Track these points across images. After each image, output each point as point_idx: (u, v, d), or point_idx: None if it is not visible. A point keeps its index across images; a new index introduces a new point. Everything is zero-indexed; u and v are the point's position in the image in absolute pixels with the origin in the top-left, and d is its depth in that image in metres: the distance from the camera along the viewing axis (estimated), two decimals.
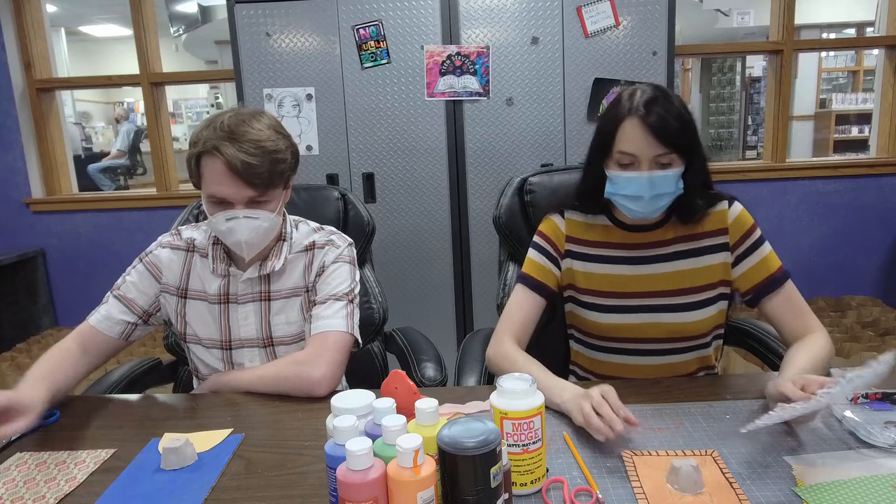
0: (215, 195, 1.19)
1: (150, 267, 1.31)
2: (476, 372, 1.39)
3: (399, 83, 2.55)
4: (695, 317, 1.25)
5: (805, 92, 7.70)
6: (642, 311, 1.26)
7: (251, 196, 1.19)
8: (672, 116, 1.12)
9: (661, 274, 1.25)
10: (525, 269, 1.32)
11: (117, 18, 7.69)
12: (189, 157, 1.21)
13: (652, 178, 1.13)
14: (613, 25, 2.48)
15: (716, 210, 1.25)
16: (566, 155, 2.58)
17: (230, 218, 1.19)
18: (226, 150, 1.15)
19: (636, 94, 1.15)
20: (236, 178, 1.16)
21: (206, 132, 1.18)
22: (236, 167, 1.15)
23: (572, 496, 0.83)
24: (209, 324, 1.31)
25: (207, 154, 1.17)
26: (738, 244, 1.24)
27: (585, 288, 1.30)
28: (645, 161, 1.13)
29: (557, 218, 1.34)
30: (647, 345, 1.28)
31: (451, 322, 2.71)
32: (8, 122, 3.30)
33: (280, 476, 0.92)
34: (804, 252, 3.25)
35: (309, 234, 1.35)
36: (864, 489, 0.81)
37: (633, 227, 1.27)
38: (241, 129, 1.17)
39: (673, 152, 1.13)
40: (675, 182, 1.15)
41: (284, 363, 1.25)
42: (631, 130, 1.13)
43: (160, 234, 1.37)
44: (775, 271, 1.22)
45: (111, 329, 1.27)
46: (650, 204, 1.15)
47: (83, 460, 0.99)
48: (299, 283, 1.32)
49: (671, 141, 1.12)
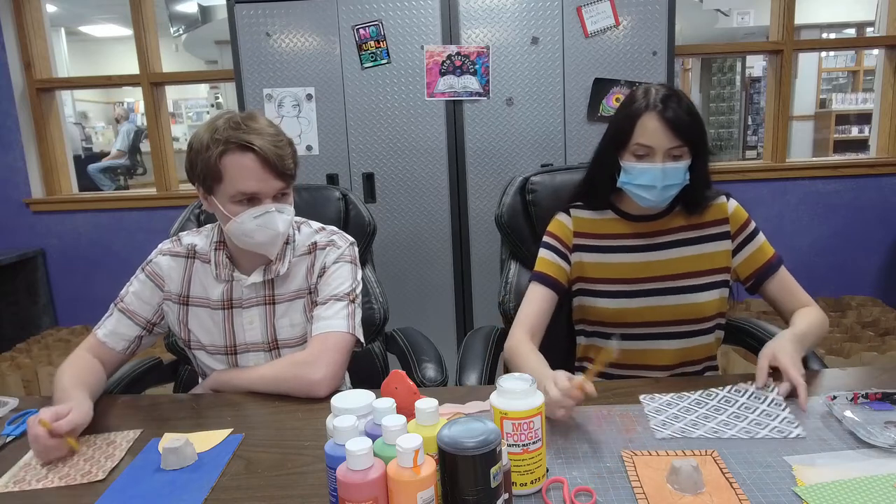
0: (246, 191, 1.16)
1: (153, 276, 1.31)
2: (477, 370, 1.40)
3: (399, 83, 2.55)
4: (698, 298, 1.32)
5: (805, 92, 7.70)
6: (649, 295, 1.34)
7: (280, 188, 1.19)
8: (685, 112, 1.21)
9: (667, 260, 1.34)
10: (537, 267, 1.38)
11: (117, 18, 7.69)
12: (207, 158, 1.16)
13: (665, 169, 1.22)
14: (613, 25, 2.48)
15: (716, 203, 1.36)
16: (566, 155, 2.58)
17: (260, 214, 1.17)
18: (257, 142, 1.14)
19: (651, 91, 1.24)
20: (268, 171, 1.16)
21: (222, 132, 1.15)
22: (269, 159, 1.14)
23: (572, 496, 0.83)
24: (212, 330, 1.31)
25: (234, 150, 1.14)
26: (737, 234, 1.35)
27: (596, 277, 1.36)
28: (660, 153, 1.22)
29: (564, 216, 1.40)
30: (653, 328, 1.34)
31: (451, 322, 2.71)
32: (8, 122, 3.30)
33: (280, 476, 0.92)
34: (804, 252, 3.25)
35: (311, 235, 1.35)
36: (864, 489, 0.81)
37: (640, 217, 1.35)
38: (255, 124, 1.17)
39: (685, 145, 1.22)
40: (683, 174, 1.24)
41: (285, 363, 1.24)
42: (649, 124, 1.21)
43: (160, 234, 1.36)
44: (771, 257, 1.34)
45: (117, 344, 1.28)
46: (662, 193, 1.24)
47: (113, 440, 1.06)
48: (302, 285, 1.32)
49: (684, 134, 1.21)
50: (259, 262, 1.29)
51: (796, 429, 0.97)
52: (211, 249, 1.30)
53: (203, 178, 1.19)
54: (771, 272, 1.33)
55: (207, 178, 1.19)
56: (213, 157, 1.15)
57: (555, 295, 1.35)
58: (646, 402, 1.09)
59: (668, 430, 0.99)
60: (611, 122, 1.32)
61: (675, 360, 1.35)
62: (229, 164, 1.15)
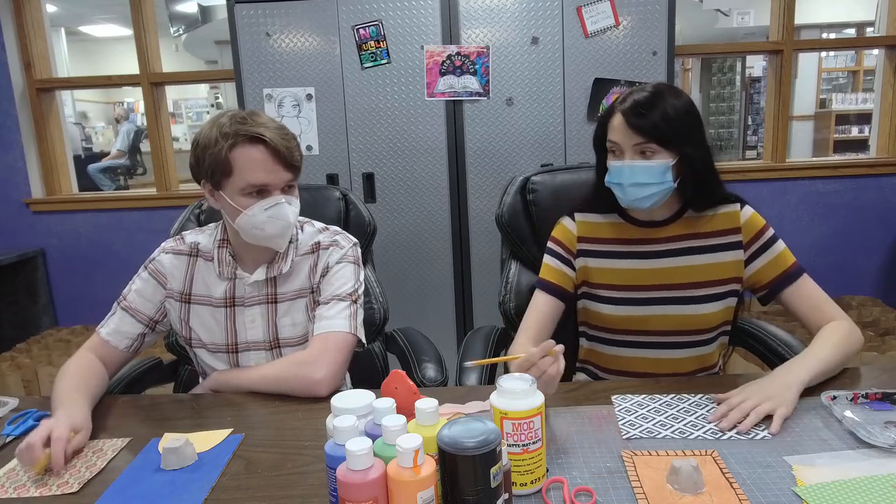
0: (256, 183, 1.18)
1: (155, 274, 1.31)
2: (477, 370, 1.40)
3: (399, 83, 2.55)
4: (703, 309, 1.29)
5: (805, 92, 7.70)
6: (653, 304, 1.30)
7: (289, 180, 1.21)
8: (658, 110, 1.18)
9: (673, 268, 1.30)
10: (542, 274, 1.37)
11: (117, 18, 7.69)
12: (217, 152, 1.16)
13: (633, 167, 1.20)
14: (613, 25, 2.48)
15: (727, 210, 1.30)
16: (566, 155, 2.58)
17: (270, 206, 1.19)
18: (266, 134, 1.16)
19: (632, 92, 1.24)
20: (278, 162, 1.17)
21: (229, 127, 1.16)
22: (279, 150, 1.16)
23: (572, 496, 0.83)
24: (213, 328, 1.31)
25: (244, 142, 1.16)
26: (751, 243, 1.28)
27: (600, 283, 1.34)
28: (627, 149, 1.21)
29: (568, 221, 1.38)
30: (656, 337, 1.31)
31: (451, 322, 2.71)
32: (8, 122, 3.30)
33: (280, 476, 0.92)
34: (804, 252, 3.25)
35: (314, 234, 1.35)
36: (864, 489, 0.81)
37: (646, 223, 1.32)
38: (259, 119, 1.19)
39: (652, 142, 1.19)
40: (661, 174, 1.20)
41: (286, 363, 1.24)
42: (615, 121, 1.22)
43: (160, 234, 1.37)
44: (789, 266, 1.26)
45: (120, 342, 1.28)
46: (632, 192, 1.22)
47: (100, 448, 1.03)
48: (305, 284, 1.32)
49: (649, 132, 1.18)
50: (262, 261, 1.29)
51: (763, 431, 0.97)
52: (214, 247, 1.30)
53: (211, 173, 1.20)
54: (788, 282, 1.24)
55: (216, 172, 1.19)
56: (222, 150, 1.16)
57: (560, 303, 1.33)
58: (617, 401, 1.10)
59: (635, 430, 0.99)
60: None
61: (675, 368, 1.32)
62: (239, 156, 1.17)
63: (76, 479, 0.94)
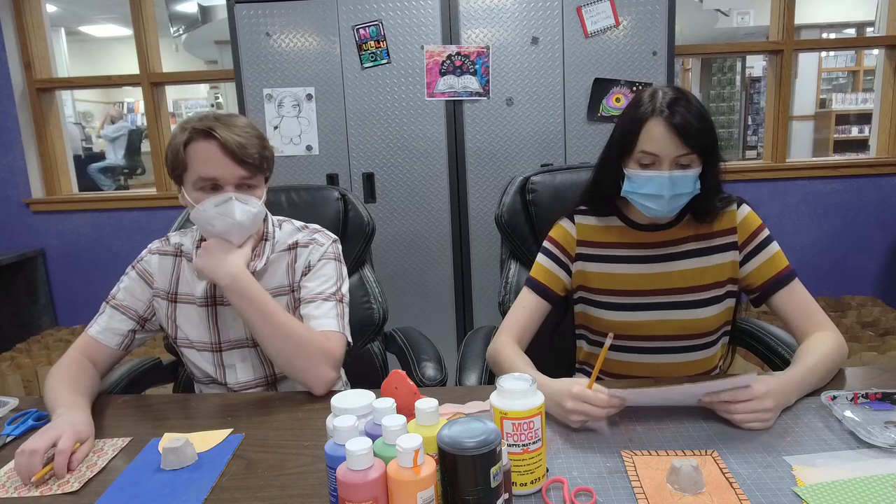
0: (206, 175, 1.18)
1: (143, 274, 1.32)
2: (477, 369, 1.40)
3: (399, 83, 2.54)
4: (704, 313, 1.26)
5: (805, 92, 7.70)
6: (654, 309, 1.27)
7: (242, 176, 1.20)
8: (694, 117, 1.13)
9: (673, 272, 1.27)
10: (533, 272, 1.34)
11: (117, 18, 7.69)
12: (175, 146, 1.19)
13: (672, 178, 1.14)
14: (613, 25, 2.48)
15: (726, 211, 1.27)
16: (566, 155, 2.58)
17: (220, 203, 1.19)
18: (219, 131, 1.17)
19: (658, 94, 1.16)
20: (229, 158, 1.17)
21: (191, 123, 1.19)
22: (230, 146, 1.17)
23: (572, 496, 0.83)
24: (199, 326, 1.31)
25: (198, 137, 1.17)
26: (745, 243, 1.26)
27: (599, 288, 1.31)
28: (666, 161, 1.14)
29: (568, 223, 1.34)
30: (657, 342, 1.29)
31: (451, 322, 2.71)
32: (8, 122, 3.30)
33: (280, 476, 0.92)
34: (804, 252, 3.25)
35: (292, 233, 1.36)
36: (864, 489, 0.81)
37: (646, 226, 1.29)
38: (227, 119, 1.21)
39: (693, 153, 1.14)
40: (693, 182, 1.16)
41: (311, 337, 1.20)
42: (655, 130, 1.13)
43: (160, 234, 1.37)
44: (782, 270, 1.23)
45: (111, 340, 1.28)
46: (669, 203, 1.16)
47: (100, 448, 1.03)
48: (283, 282, 1.32)
49: (693, 142, 1.13)
50: None
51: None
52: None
53: (173, 168, 1.23)
54: (778, 286, 1.22)
55: (177, 167, 1.22)
56: (179, 145, 1.19)
57: (546, 304, 1.31)
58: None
59: (634, 397, 1.00)
60: (615, 126, 1.23)
61: (677, 372, 1.30)
62: (192, 150, 1.19)
63: (76, 478, 0.94)
